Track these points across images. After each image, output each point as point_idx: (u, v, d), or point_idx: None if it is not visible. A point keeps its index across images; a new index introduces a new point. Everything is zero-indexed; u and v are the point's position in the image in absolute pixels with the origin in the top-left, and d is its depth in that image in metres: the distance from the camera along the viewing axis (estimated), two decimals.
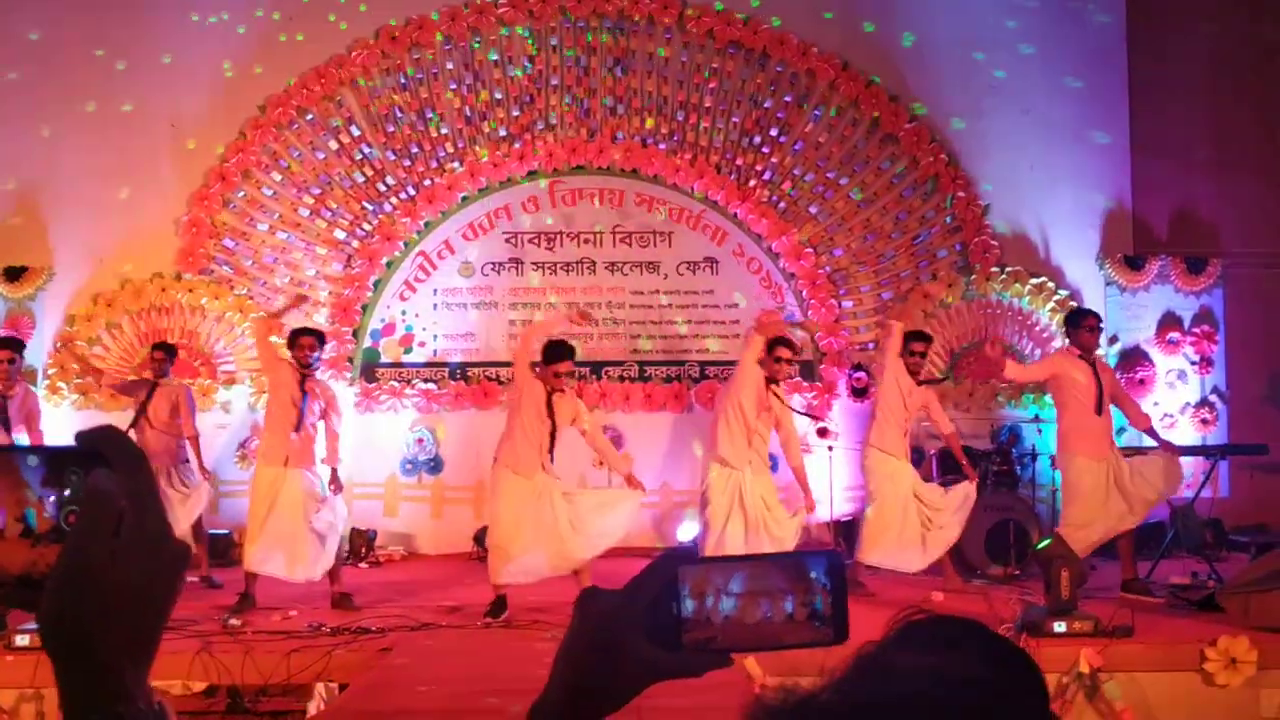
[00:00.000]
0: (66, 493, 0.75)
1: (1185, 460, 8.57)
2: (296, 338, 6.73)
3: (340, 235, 9.40)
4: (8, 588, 0.75)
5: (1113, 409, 6.91)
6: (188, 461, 7.61)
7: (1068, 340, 7.05)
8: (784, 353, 6.69)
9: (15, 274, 9.14)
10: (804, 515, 6.81)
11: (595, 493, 7.09)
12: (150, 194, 9.23)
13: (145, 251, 9.19)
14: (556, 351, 6.31)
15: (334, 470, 6.75)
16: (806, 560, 0.84)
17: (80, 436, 0.75)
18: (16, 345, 7.45)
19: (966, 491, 6.90)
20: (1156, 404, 9.31)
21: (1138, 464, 6.73)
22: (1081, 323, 6.84)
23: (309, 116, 9.41)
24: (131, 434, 7.44)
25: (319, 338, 6.85)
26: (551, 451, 6.30)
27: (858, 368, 9.27)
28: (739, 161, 9.49)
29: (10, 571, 0.75)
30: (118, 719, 0.71)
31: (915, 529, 6.83)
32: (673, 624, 0.82)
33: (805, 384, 9.32)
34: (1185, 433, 9.30)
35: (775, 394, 6.71)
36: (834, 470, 8.21)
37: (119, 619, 0.72)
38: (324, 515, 6.50)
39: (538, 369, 6.40)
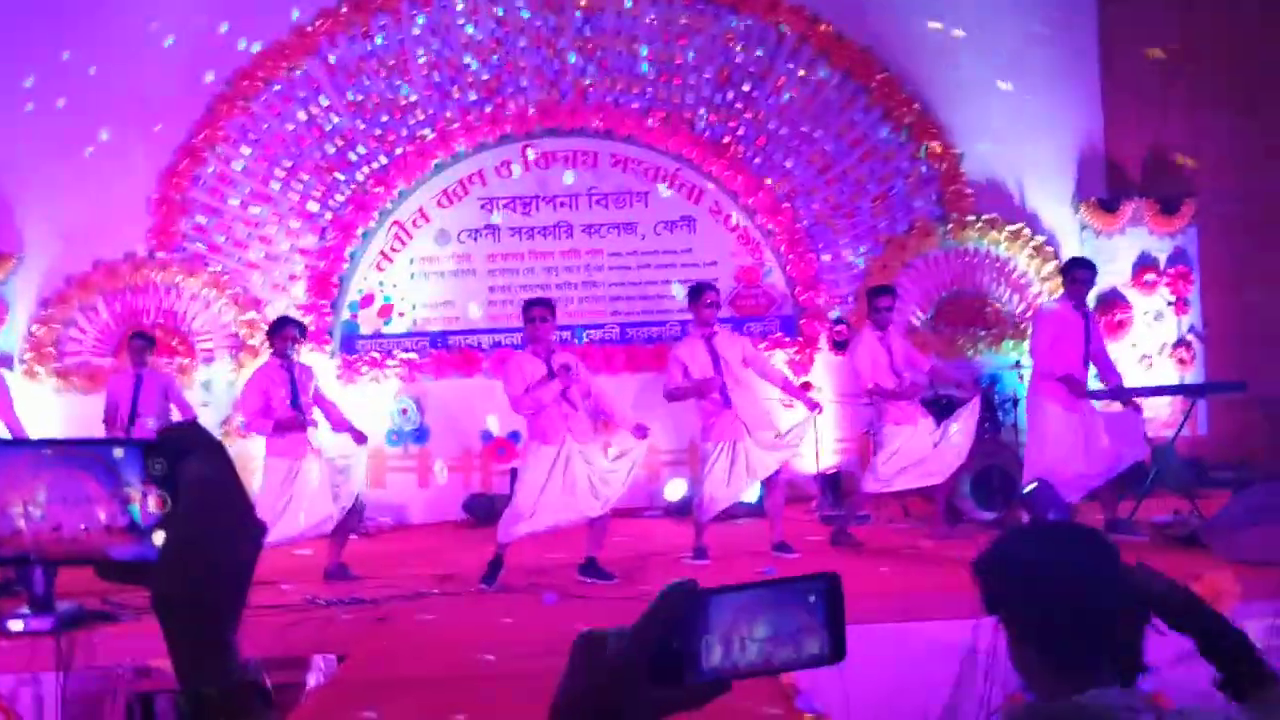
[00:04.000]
0: (155, 482, 0.85)
1: (1164, 400, 8.71)
2: (280, 328, 6.71)
3: (313, 207, 9.31)
4: (119, 571, 0.86)
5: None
6: None
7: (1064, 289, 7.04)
8: (710, 296, 6.70)
9: None
10: (812, 419, 6.84)
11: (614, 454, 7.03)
12: (118, 172, 9.10)
13: (116, 231, 9.08)
14: (530, 305, 6.30)
15: (350, 429, 6.83)
16: (805, 585, 0.86)
17: (165, 431, 0.85)
18: None
19: (970, 409, 6.94)
20: (1135, 345, 9.41)
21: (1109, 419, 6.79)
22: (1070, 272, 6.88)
23: (275, 88, 9.29)
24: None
25: (300, 329, 6.87)
26: (574, 408, 6.20)
27: (839, 321, 9.30)
28: (712, 118, 9.44)
29: (121, 558, 0.86)
30: (229, 681, 0.80)
31: (925, 446, 6.86)
32: (678, 662, 0.82)
33: (786, 339, 9.35)
34: (1164, 372, 9.40)
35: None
36: (819, 424, 8.23)
37: (221, 592, 0.81)
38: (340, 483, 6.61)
39: (523, 338, 6.37)
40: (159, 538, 0.84)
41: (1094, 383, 6.97)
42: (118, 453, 0.85)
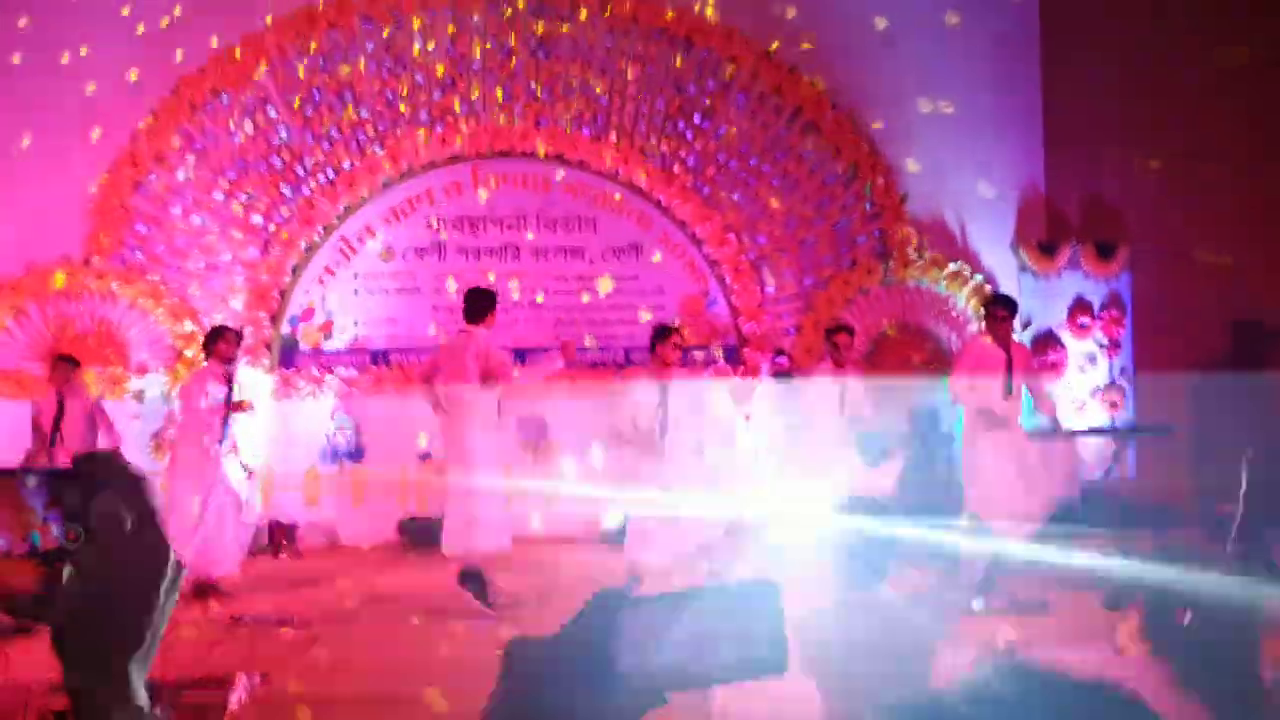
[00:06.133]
0: (66, 513, 0.82)
1: (1095, 440, 8.86)
2: (219, 336, 6.61)
3: (257, 219, 9.19)
4: (24, 605, 0.84)
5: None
6: None
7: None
8: (676, 339, 6.59)
9: None
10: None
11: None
12: (57, 176, 8.92)
13: (52, 236, 8.88)
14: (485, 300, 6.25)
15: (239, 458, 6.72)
16: (743, 594, 0.83)
17: (80, 461, 0.84)
18: None
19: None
20: (1069, 388, 9.57)
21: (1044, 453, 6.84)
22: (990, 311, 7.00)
23: (223, 98, 9.18)
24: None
25: (239, 337, 6.77)
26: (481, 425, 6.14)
27: (779, 352, 9.35)
28: (663, 147, 9.50)
29: (25, 589, 0.83)
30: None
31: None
32: (607, 666, 0.80)
33: (729, 368, 9.39)
34: (1095, 415, 9.58)
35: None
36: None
37: (128, 628, 0.79)
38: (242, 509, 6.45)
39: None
40: (64, 571, 0.82)
41: (1029, 416, 7.10)
42: (30, 481, 0.82)
